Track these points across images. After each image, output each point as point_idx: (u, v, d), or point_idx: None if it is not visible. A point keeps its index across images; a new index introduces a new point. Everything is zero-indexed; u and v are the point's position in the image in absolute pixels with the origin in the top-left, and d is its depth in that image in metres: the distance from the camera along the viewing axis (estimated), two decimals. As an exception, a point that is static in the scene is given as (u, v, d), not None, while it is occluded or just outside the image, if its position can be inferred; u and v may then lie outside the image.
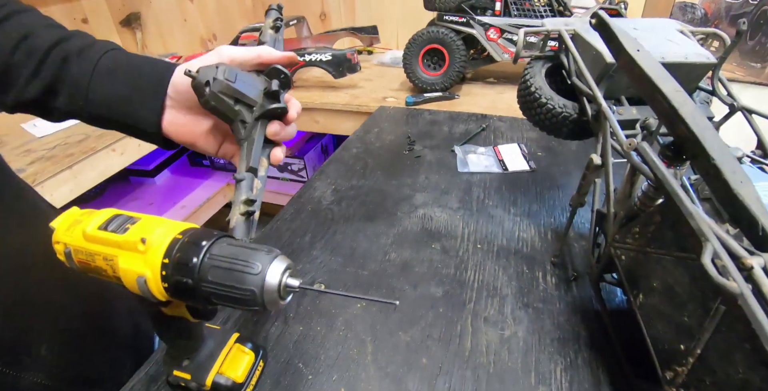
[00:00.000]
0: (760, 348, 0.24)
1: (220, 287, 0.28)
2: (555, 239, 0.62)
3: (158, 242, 0.29)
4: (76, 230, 0.31)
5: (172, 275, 0.28)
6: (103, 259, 0.30)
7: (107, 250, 0.30)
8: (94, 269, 0.31)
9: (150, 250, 0.29)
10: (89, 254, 0.31)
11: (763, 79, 1.28)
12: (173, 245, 0.29)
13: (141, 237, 0.29)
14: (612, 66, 0.50)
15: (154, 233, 0.29)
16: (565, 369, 0.45)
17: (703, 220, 0.29)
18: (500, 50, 1.19)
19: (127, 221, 0.30)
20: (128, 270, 0.29)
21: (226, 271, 0.28)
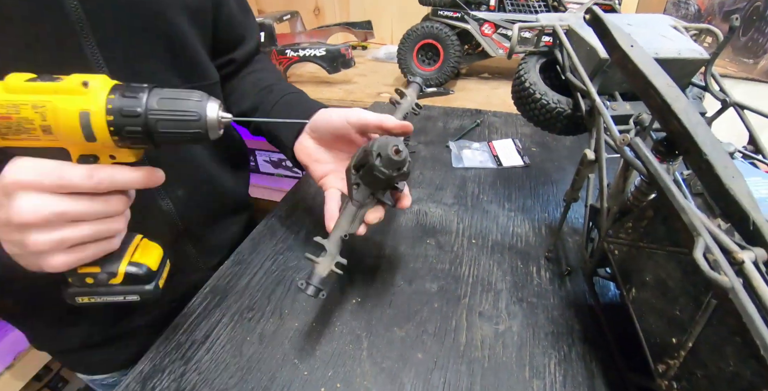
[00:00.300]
0: (750, 341, 0.25)
1: (167, 111, 0.31)
2: (549, 234, 0.63)
3: (103, 83, 0.31)
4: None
5: (120, 108, 0.31)
6: (32, 107, 0.30)
7: (37, 98, 0.30)
8: (15, 123, 0.30)
9: (93, 90, 0.30)
10: (13, 106, 0.30)
11: (755, 75, 1.29)
12: (118, 86, 0.32)
13: (82, 81, 0.30)
14: (606, 61, 0.50)
15: (94, 79, 0.31)
16: (559, 363, 0.45)
17: (695, 214, 0.29)
18: (495, 45, 1.19)
19: (53, 77, 0.31)
20: (68, 109, 0.30)
21: (169, 100, 0.32)
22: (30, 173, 0.31)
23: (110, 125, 0.31)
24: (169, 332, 0.49)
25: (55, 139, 0.31)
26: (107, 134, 0.31)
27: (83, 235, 0.33)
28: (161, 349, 0.47)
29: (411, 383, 0.43)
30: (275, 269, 0.57)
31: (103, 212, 0.34)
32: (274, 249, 0.60)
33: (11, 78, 0.30)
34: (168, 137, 0.32)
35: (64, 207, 0.31)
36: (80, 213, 0.32)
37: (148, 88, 0.32)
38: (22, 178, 0.30)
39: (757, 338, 0.24)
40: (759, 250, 0.27)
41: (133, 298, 0.37)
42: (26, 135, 0.31)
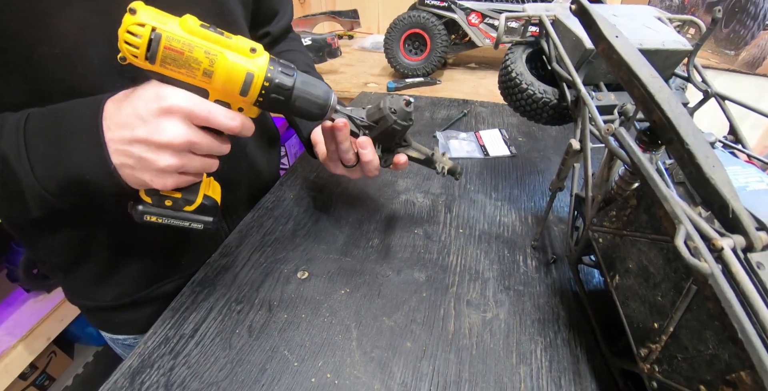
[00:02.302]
0: (728, 325, 0.26)
1: (309, 94, 0.39)
2: (535, 223, 0.64)
3: (265, 56, 0.36)
4: (172, 21, 0.33)
5: (274, 79, 0.37)
6: (205, 51, 0.34)
7: (212, 46, 0.34)
8: (184, 59, 0.34)
9: (258, 57, 0.36)
10: (188, 44, 0.33)
11: (736, 67, 1.32)
12: (272, 61, 0.37)
13: (251, 47, 0.35)
14: (591, 52, 0.50)
15: (259, 47, 0.36)
16: (545, 349, 0.46)
17: (677, 203, 0.30)
18: (482, 35, 1.19)
19: (222, 31, 0.35)
20: (238, 66, 0.35)
21: (312, 84, 0.39)
22: (188, 103, 0.35)
23: (263, 89, 0.37)
24: (156, 326, 0.48)
25: (208, 82, 0.35)
26: (257, 95, 0.37)
27: (198, 166, 0.39)
28: (149, 343, 0.46)
29: (401, 372, 0.44)
30: (263, 261, 0.57)
31: (218, 151, 0.39)
32: (262, 241, 0.60)
33: (187, 19, 0.33)
34: (298, 110, 0.40)
35: (200, 140, 0.37)
36: (206, 148, 0.38)
37: (295, 69, 0.39)
38: (182, 105, 0.35)
39: (735, 322, 0.25)
40: (738, 237, 0.28)
41: (197, 226, 0.42)
42: (186, 70, 0.34)
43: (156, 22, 0.32)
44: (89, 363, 1.50)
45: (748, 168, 0.37)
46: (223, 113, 0.37)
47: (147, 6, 0.33)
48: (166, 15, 0.34)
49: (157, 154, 0.36)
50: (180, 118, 0.35)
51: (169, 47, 0.33)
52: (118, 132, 0.36)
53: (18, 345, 1.12)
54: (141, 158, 0.36)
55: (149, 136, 0.35)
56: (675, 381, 0.32)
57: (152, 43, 0.32)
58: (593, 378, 0.43)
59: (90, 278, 0.58)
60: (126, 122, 0.35)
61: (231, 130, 0.38)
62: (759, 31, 1.23)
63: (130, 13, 0.32)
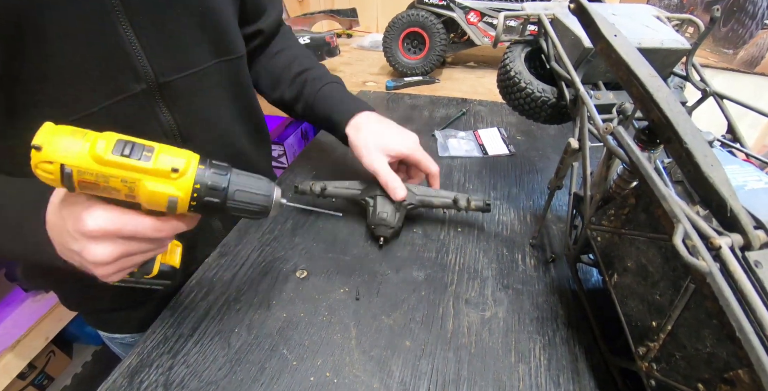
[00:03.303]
0: (726, 324, 0.26)
1: (244, 205, 0.37)
2: (534, 222, 0.64)
3: (189, 172, 0.35)
4: (81, 153, 0.32)
5: (203, 196, 0.35)
6: (121, 181, 0.33)
7: (128, 174, 0.33)
8: (101, 188, 0.33)
9: (181, 178, 0.34)
10: (102, 176, 0.32)
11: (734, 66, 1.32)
12: (201, 173, 0.35)
13: (172, 168, 0.34)
14: (590, 51, 0.50)
15: (183, 165, 0.34)
16: (544, 347, 0.46)
17: (675, 202, 0.30)
18: (480, 34, 1.19)
19: (142, 149, 0.33)
20: (158, 192, 0.34)
21: (249, 193, 0.38)
22: (111, 225, 0.35)
23: (191, 206, 0.36)
24: (155, 325, 0.48)
25: (134, 199, 0.35)
26: (186, 210, 0.36)
27: (141, 260, 0.39)
28: (148, 343, 0.46)
29: (400, 371, 0.44)
30: (262, 260, 0.57)
31: (159, 247, 0.39)
32: (261, 240, 0.60)
33: (97, 145, 0.32)
34: (235, 211, 0.38)
35: (133, 249, 0.37)
36: (143, 251, 0.38)
37: (228, 168, 0.37)
38: (105, 228, 0.35)
39: (733, 320, 0.25)
40: (735, 236, 0.28)
41: (157, 287, 0.43)
42: (108, 194, 0.34)
43: (63, 157, 0.31)
44: (88, 363, 1.50)
45: (746, 167, 0.37)
46: (150, 228, 0.36)
47: (56, 131, 0.32)
48: (78, 137, 0.32)
49: (93, 266, 0.36)
50: (105, 238, 0.35)
51: (82, 180, 0.32)
52: (58, 238, 0.37)
53: (16, 345, 1.12)
54: (81, 264, 0.37)
55: (80, 252, 0.36)
56: (673, 379, 0.32)
57: (65, 178, 0.32)
58: (592, 376, 0.43)
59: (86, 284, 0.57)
60: (61, 234, 0.37)
61: (162, 239, 0.38)
62: (757, 30, 1.23)
63: (35, 150, 0.31)
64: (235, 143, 0.64)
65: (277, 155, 1.66)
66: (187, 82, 0.52)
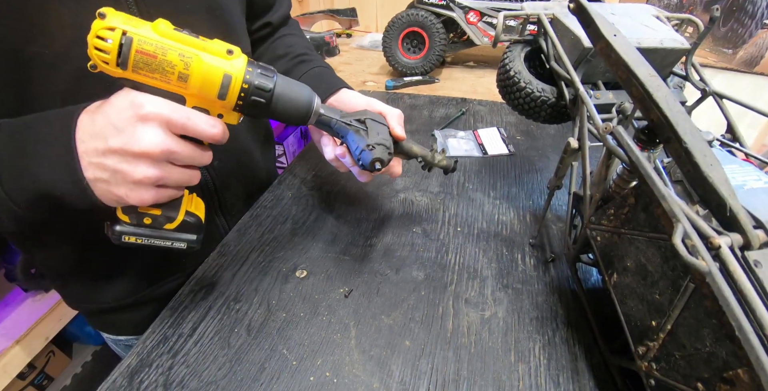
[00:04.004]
0: (726, 323, 0.26)
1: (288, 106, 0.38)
2: (533, 222, 0.64)
3: (242, 58, 0.35)
4: (144, 25, 0.32)
5: (254, 82, 0.35)
6: (179, 54, 0.32)
7: (186, 49, 0.33)
8: (157, 62, 0.32)
9: (235, 59, 0.34)
10: (160, 47, 0.32)
11: (734, 65, 1.32)
12: (251, 63, 0.36)
13: (228, 49, 0.34)
14: (590, 51, 0.50)
15: (236, 49, 0.35)
16: (544, 347, 0.46)
17: (675, 201, 0.30)
18: (480, 34, 1.19)
19: (195, 35, 0.34)
20: (215, 67, 0.34)
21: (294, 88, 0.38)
22: (165, 110, 0.33)
23: (242, 92, 0.35)
24: (155, 325, 0.48)
25: (183, 86, 0.34)
26: (236, 98, 0.35)
27: (177, 178, 0.36)
28: (148, 343, 0.46)
29: (399, 370, 0.44)
30: (262, 259, 0.57)
31: (199, 161, 0.37)
32: (261, 240, 0.60)
33: (160, 23, 0.32)
34: (280, 114, 0.38)
35: (179, 148, 0.35)
36: (187, 157, 0.36)
37: (275, 71, 0.37)
38: (159, 111, 0.33)
39: (733, 320, 0.25)
40: (735, 235, 0.28)
41: (179, 245, 0.39)
42: (160, 75, 0.33)
43: (127, 25, 0.31)
44: (88, 363, 1.50)
45: (745, 166, 0.37)
46: (203, 120, 0.35)
47: (117, 12, 0.32)
48: (137, 19, 0.33)
49: (133, 165, 0.33)
50: (157, 125, 0.33)
51: (141, 51, 0.31)
52: (92, 143, 0.34)
53: (16, 345, 1.12)
54: (116, 170, 0.34)
55: (124, 145, 0.33)
56: (673, 379, 0.32)
57: (123, 48, 0.31)
58: (591, 376, 0.43)
59: (89, 281, 0.58)
60: (99, 132, 0.33)
61: (211, 138, 0.36)
62: (757, 29, 1.23)
63: (99, 17, 0.31)
64: (239, 140, 0.64)
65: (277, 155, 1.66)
66: None
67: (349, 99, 0.59)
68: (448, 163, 0.55)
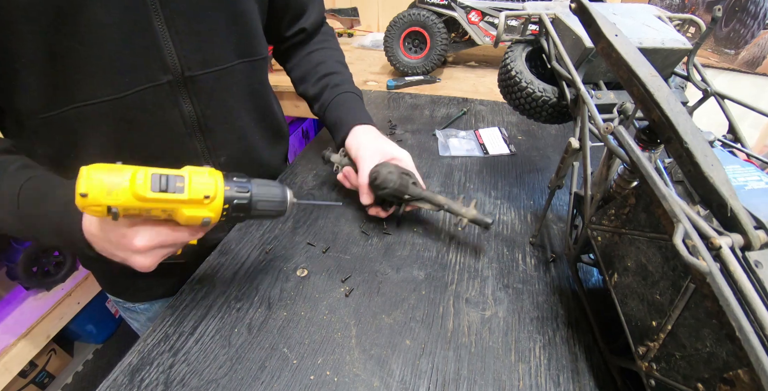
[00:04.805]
0: (726, 323, 0.26)
1: (265, 211, 0.44)
2: (534, 222, 0.64)
3: (218, 197, 0.40)
4: (124, 194, 0.36)
5: (230, 213, 0.41)
6: (162, 211, 0.38)
7: (167, 206, 0.38)
8: (144, 216, 0.39)
9: (213, 202, 0.39)
10: (144, 209, 0.37)
11: (735, 66, 1.32)
12: (228, 194, 0.41)
13: (204, 195, 0.39)
14: (591, 51, 0.50)
15: (212, 191, 0.39)
16: (544, 347, 0.46)
17: (676, 201, 0.30)
18: (481, 33, 1.19)
19: (175, 179, 0.38)
20: (194, 217, 0.39)
21: (264, 202, 0.43)
22: (153, 241, 0.40)
23: (222, 218, 0.41)
24: (156, 323, 0.48)
25: (170, 220, 0.40)
26: (217, 222, 0.42)
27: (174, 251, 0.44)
28: (149, 341, 0.46)
29: (400, 369, 0.44)
30: (262, 258, 0.57)
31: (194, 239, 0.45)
32: (261, 239, 0.60)
33: (137, 185, 0.36)
34: (257, 217, 0.44)
35: (171, 251, 0.43)
36: (178, 248, 0.44)
37: (248, 182, 0.42)
38: (149, 244, 0.40)
39: (733, 320, 0.25)
40: (736, 236, 0.28)
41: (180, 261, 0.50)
42: (149, 216, 0.39)
43: (109, 200, 0.35)
44: (89, 361, 1.50)
45: (747, 167, 0.37)
46: (186, 236, 0.42)
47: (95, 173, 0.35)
48: (116, 176, 0.35)
49: (137, 267, 0.42)
50: (149, 251, 0.41)
51: (128, 214, 0.37)
52: (99, 244, 0.43)
53: (18, 343, 1.13)
54: (124, 262, 0.43)
55: (125, 260, 0.42)
56: (673, 379, 0.32)
57: (112, 214, 0.36)
58: (592, 376, 0.43)
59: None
60: (103, 243, 0.42)
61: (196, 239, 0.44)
62: (759, 30, 1.23)
63: (81, 197, 0.35)
64: (249, 139, 0.67)
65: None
66: (210, 78, 0.56)
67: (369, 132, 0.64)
68: (477, 217, 0.55)
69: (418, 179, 0.59)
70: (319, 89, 0.72)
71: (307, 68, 0.74)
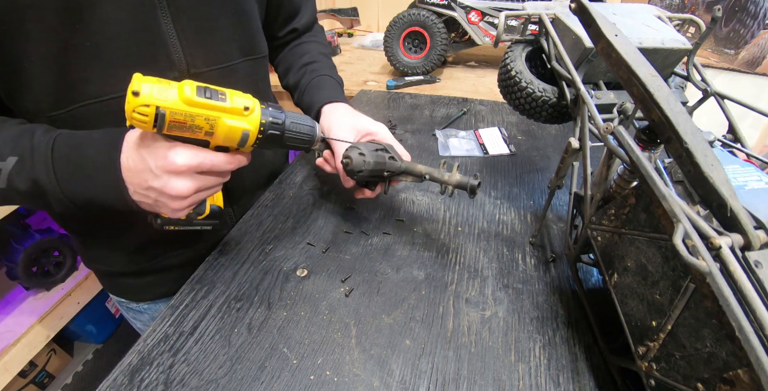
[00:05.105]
0: (726, 323, 0.26)
1: (297, 136, 0.47)
2: (534, 222, 0.64)
3: (257, 110, 0.42)
4: (173, 97, 0.37)
5: (267, 130, 0.44)
6: (205, 119, 0.39)
7: (210, 113, 0.39)
8: (187, 126, 0.39)
9: (251, 114, 0.42)
10: (189, 116, 0.39)
11: (735, 66, 1.32)
12: (264, 111, 0.43)
13: (244, 106, 0.41)
14: (591, 51, 0.50)
15: (250, 104, 0.42)
16: (544, 347, 0.46)
17: (675, 201, 0.30)
18: (481, 33, 1.19)
19: (217, 93, 0.40)
20: (235, 127, 0.41)
21: (295, 124, 0.46)
22: (193, 161, 0.41)
23: (257, 139, 0.44)
24: (156, 323, 0.48)
25: (210, 137, 0.42)
26: (252, 144, 0.44)
27: (205, 196, 0.46)
28: (149, 341, 0.46)
29: (399, 369, 0.44)
30: (262, 258, 0.57)
31: (222, 181, 0.47)
32: (261, 239, 0.60)
33: (185, 88, 0.38)
34: (288, 146, 0.47)
35: (206, 183, 0.44)
36: (214, 185, 0.46)
37: (283, 111, 0.45)
38: (188, 163, 0.41)
39: (733, 320, 0.25)
40: (735, 236, 0.28)
41: (206, 227, 0.50)
42: (190, 133, 0.40)
43: (158, 100, 0.37)
44: (89, 361, 1.50)
45: (746, 167, 0.37)
46: (223, 161, 0.44)
47: (147, 80, 0.37)
48: (165, 83, 0.38)
49: (171, 200, 0.43)
50: (186, 174, 0.42)
51: (174, 120, 0.38)
52: (136, 179, 0.42)
53: (17, 343, 1.13)
54: (157, 200, 0.43)
55: (162, 188, 0.42)
56: (673, 379, 0.32)
57: (158, 119, 0.37)
58: (591, 376, 0.43)
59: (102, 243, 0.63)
60: (140, 174, 0.42)
61: (231, 170, 0.46)
62: (759, 30, 1.23)
63: (133, 95, 0.36)
64: None
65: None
66: (214, 76, 0.57)
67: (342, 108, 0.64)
68: (462, 180, 0.52)
69: (398, 151, 0.58)
70: (299, 77, 0.73)
71: (291, 60, 0.76)
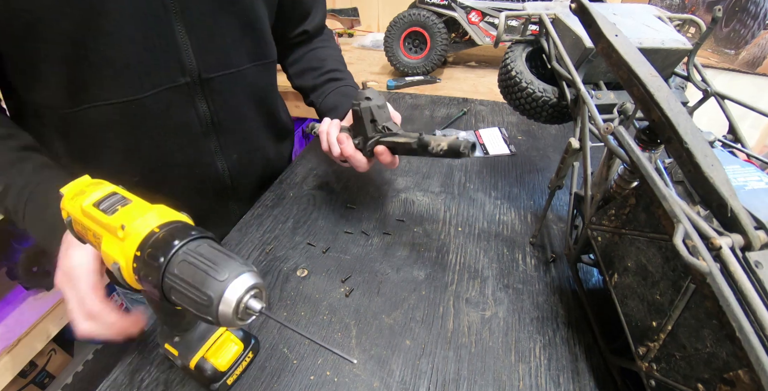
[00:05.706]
0: (726, 324, 0.26)
1: (182, 282, 0.27)
2: (534, 222, 0.64)
3: (135, 233, 0.29)
4: (77, 202, 0.34)
5: (141, 268, 0.29)
6: (93, 235, 0.33)
7: (96, 228, 0.32)
8: (87, 241, 0.35)
9: (127, 239, 0.29)
10: (84, 227, 0.34)
11: (736, 66, 1.32)
12: (148, 239, 0.29)
13: (121, 224, 0.29)
14: (591, 51, 0.50)
15: (134, 222, 0.29)
16: (544, 347, 0.46)
17: (676, 202, 0.30)
18: (482, 34, 1.19)
19: (119, 201, 0.32)
20: (107, 254, 0.30)
21: (192, 267, 0.27)
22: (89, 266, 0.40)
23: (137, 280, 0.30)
24: (156, 323, 0.48)
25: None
26: (137, 284, 0.31)
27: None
28: (149, 341, 0.46)
29: (400, 370, 0.44)
30: (262, 259, 0.57)
31: None
32: (261, 239, 0.60)
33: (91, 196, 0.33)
34: (182, 305, 0.29)
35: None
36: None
37: (176, 246, 0.28)
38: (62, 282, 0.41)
39: (733, 320, 0.25)
40: (736, 236, 0.28)
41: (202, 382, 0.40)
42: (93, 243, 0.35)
43: (68, 206, 0.35)
44: (89, 361, 1.50)
45: (747, 167, 0.37)
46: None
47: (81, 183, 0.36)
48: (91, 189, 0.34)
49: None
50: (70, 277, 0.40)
51: (77, 230, 0.36)
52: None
53: (18, 343, 1.13)
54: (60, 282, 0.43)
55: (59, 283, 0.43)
56: (673, 379, 0.32)
57: (69, 226, 0.36)
58: (592, 376, 0.43)
59: None
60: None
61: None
62: (759, 30, 1.23)
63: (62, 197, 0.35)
64: (257, 138, 0.70)
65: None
66: (224, 80, 0.59)
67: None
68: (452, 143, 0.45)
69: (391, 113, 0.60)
70: (321, 81, 0.75)
71: (311, 63, 0.77)
